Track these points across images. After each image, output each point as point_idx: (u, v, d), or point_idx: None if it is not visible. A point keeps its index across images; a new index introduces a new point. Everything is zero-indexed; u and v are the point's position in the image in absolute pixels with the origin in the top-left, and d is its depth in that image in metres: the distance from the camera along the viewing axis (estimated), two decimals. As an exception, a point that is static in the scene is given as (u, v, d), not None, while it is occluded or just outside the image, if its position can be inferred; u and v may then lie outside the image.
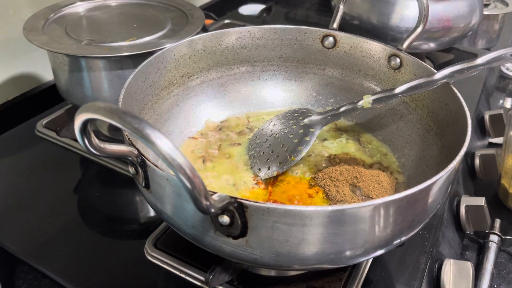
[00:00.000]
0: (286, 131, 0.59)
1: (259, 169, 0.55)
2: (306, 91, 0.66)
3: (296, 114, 0.61)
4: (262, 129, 0.61)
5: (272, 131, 0.60)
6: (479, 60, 0.48)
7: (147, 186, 0.39)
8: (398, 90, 0.53)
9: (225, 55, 0.63)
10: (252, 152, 0.58)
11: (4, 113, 0.76)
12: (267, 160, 0.55)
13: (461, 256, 0.62)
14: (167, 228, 0.54)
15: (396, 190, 0.52)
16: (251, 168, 0.56)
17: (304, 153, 0.55)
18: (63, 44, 0.61)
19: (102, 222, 0.57)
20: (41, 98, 0.80)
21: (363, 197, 0.50)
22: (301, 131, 0.58)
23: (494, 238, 0.62)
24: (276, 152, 0.56)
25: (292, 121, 0.60)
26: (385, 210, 0.35)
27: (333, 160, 0.57)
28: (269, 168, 0.55)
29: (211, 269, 0.46)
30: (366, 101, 0.55)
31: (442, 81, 0.50)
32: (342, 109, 0.57)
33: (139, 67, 0.52)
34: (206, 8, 1.15)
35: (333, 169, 0.54)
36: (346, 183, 0.51)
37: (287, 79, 0.67)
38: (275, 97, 0.67)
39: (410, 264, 0.51)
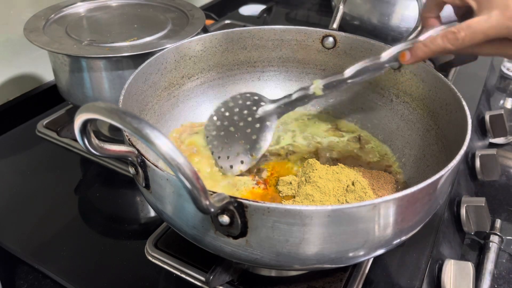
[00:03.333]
0: (241, 124, 0.58)
1: (221, 167, 0.55)
2: (307, 91, 0.66)
3: (249, 103, 0.59)
4: (214, 117, 0.60)
5: (226, 122, 0.58)
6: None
7: (147, 186, 0.39)
8: (347, 74, 0.51)
9: (225, 55, 0.63)
10: (210, 146, 0.57)
11: (4, 113, 0.76)
12: (228, 158, 0.56)
13: (462, 257, 0.62)
14: (168, 228, 0.54)
15: (397, 190, 0.52)
16: (217, 166, 0.56)
17: (264, 149, 0.56)
18: (64, 45, 0.61)
19: (103, 222, 0.57)
20: (42, 99, 0.80)
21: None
22: (258, 125, 0.57)
23: (494, 238, 0.61)
24: (236, 150, 0.56)
25: (245, 112, 0.58)
26: (385, 209, 0.35)
27: (333, 160, 0.57)
28: (231, 167, 0.55)
29: (211, 270, 0.46)
30: (316, 86, 0.53)
31: (390, 63, 0.48)
32: (294, 96, 0.56)
33: (139, 68, 0.52)
34: (206, 9, 1.15)
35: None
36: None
37: (287, 80, 0.67)
38: (275, 97, 0.66)
39: (410, 264, 0.51)
